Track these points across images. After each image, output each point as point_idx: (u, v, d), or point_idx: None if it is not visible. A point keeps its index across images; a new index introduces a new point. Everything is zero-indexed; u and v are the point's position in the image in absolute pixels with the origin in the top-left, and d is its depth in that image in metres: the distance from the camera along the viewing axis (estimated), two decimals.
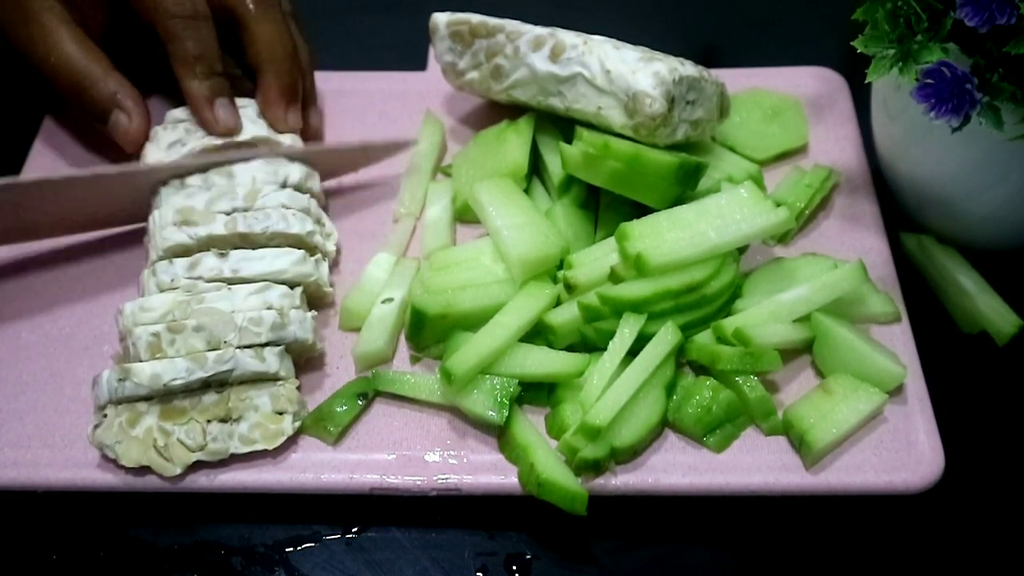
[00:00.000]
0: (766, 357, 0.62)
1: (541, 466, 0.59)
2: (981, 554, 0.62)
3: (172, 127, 0.73)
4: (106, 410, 0.61)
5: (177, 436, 0.61)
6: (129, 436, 0.61)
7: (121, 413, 0.61)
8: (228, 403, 0.62)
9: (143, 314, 0.63)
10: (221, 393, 0.62)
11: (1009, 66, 0.60)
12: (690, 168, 0.66)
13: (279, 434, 0.62)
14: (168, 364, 0.61)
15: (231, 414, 0.62)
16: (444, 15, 0.75)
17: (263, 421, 0.62)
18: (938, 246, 0.73)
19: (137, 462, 0.61)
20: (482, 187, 0.70)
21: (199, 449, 0.61)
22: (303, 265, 0.67)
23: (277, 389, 0.62)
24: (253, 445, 0.61)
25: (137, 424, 0.61)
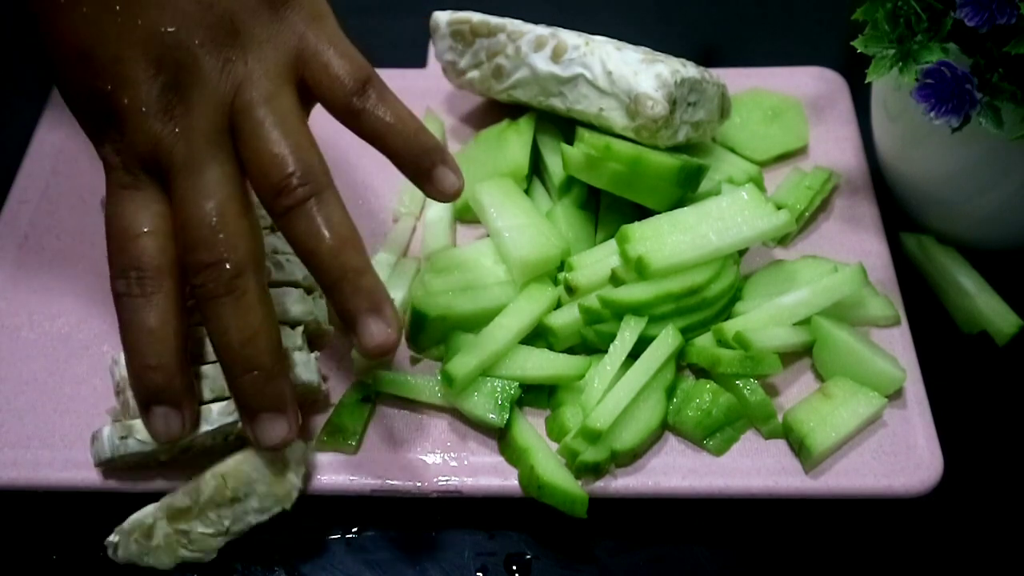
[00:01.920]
0: (766, 360, 0.62)
1: (541, 469, 0.59)
2: (981, 558, 0.62)
3: None
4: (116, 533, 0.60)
5: (196, 530, 0.60)
6: (151, 547, 0.60)
7: (132, 531, 0.59)
8: (227, 488, 0.59)
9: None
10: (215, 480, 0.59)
11: (1009, 66, 0.60)
12: (691, 171, 0.67)
13: (291, 494, 0.60)
14: None
15: (236, 495, 0.60)
16: (445, 14, 0.75)
17: (270, 489, 0.60)
18: (938, 246, 0.73)
19: (174, 564, 0.60)
20: (483, 188, 0.70)
21: (222, 534, 0.60)
22: (303, 303, 0.64)
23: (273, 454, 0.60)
24: (270, 511, 0.60)
25: (152, 535, 0.60)
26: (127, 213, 0.57)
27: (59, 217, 0.75)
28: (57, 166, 0.78)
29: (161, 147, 0.56)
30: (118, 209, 0.57)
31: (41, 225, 0.74)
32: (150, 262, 0.56)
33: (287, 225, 0.56)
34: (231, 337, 0.56)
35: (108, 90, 0.56)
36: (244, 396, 0.57)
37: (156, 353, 0.56)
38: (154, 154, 0.56)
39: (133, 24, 0.56)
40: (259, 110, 0.57)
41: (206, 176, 0.56)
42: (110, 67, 0.56)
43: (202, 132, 0.56)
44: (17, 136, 0.81)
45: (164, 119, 0.56)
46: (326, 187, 0.57)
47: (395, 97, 0.59)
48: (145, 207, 0.57)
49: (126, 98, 0.56)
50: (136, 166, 0.57)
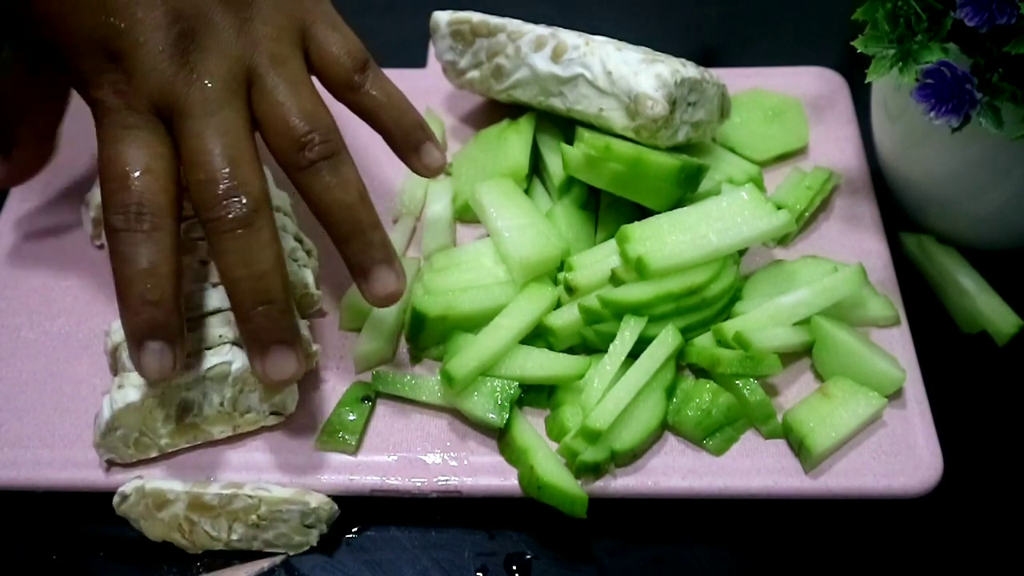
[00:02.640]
0: (766, 361, 0.62)
1: (541, 469, 0.59)
2: (981, 558, 0.62)
3: None
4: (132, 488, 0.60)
5: (203, 526, 0.60)
6: (155, 516, 0.60)
7: (148, 495, 0.60)
8: (258, 511, 0.60)
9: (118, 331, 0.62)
10: (252, 499, 0.60)
11: (1009, 66, 0.60)
12: (691, 171, 0.67)
13: (302, 545, 0.61)
14: None
15: (259, 522, 0.60)
16: (445, 14, 0.75)
17: (289, 532, 0.61)
18: (938, 246, 0.73)
19: (160, 538, 0.61)
20: (483, 188, 0.70)
21: (222, 543, 0.61)
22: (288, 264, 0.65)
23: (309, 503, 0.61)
24: (274, 549, 0.61)
25: (164, 509, 0.60)
26: (129, 151, 0.57)
27: (59, 217, 0.75)
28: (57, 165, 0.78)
29: (175, 88, 0.57)
30: (119, 147, 0.57)
31: (41, 225, 0.75)
32: (153, 199, 0.56)
33: (306, 180, 0.59)
34: (249, 270, 0.57)
35: (121, 27, 0.57)
36: (257, 329, 0.58)
37: (156, 288, 0.56)
38: (167, 95, 0.57)
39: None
40: (276, 70, 0.59)
41: (221, 116, 0.58)
42: (127, 6, 0.57)
43: (219, 77, 0.58)
44: None
45: (180, 61, 0.57)
46: (342, 147, 0.60)
47: (388, 78, 0.64)
48: (148, 146, 0.57)
49: (141, 37, 0.57)
50: (143, 106, 0.57)
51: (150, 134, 0.58)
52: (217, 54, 0.58)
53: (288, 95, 0.59)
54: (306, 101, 0.59)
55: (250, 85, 0.59)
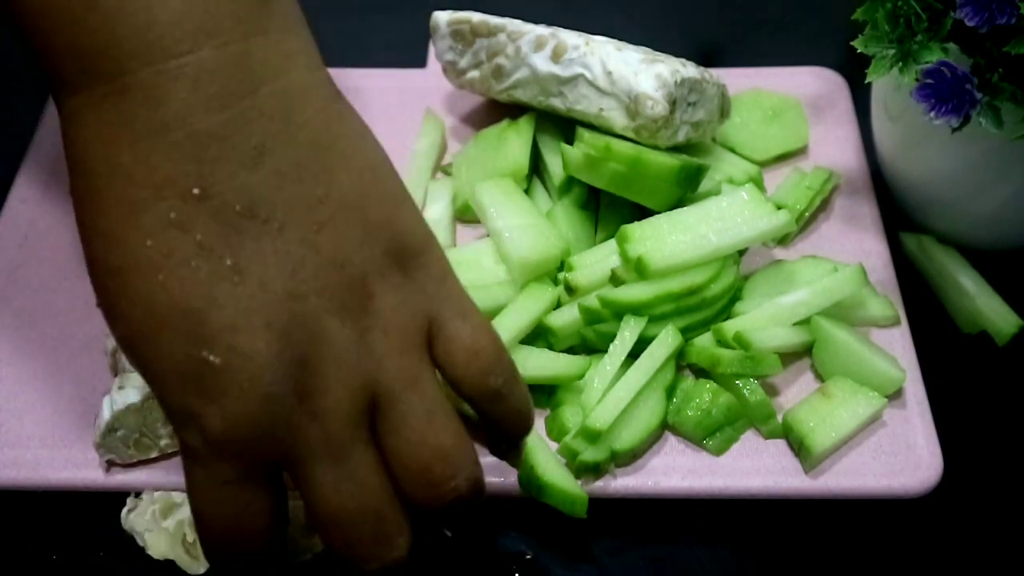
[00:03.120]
0: (766, 361, 0.62)
1: (541, 469, 0.59)
2: (980, 558, 0.62)
3: None
4: (141, 495, 0.60)
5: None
6: (159, 527, 0.60)
7: (156, 501, 0.60)
8: None
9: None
10: None
11: (1009, 66, 0.60)
12: (691, 171, 0.67)
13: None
14: None
15: None
16: (445, 13, 0.75)
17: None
18: (938, 246, 0.73)
19: (164, 555, 0.60)
20: (483, 188, 0.70)
21: None
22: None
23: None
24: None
25: (170, 515, 0.60)
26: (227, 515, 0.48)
27: (59, 217, 0.75)
28: (57, 166, 0.78)
29: (291, 432, 0.47)
30: (214, 509, 0.48)
31: (41, 225, 0.75)
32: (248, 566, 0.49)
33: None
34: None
35: (216, 364, 0.45)
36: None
37: None
38: (281, 448, 0.47)
39: (254, 288, 0.46)
40: (407, 395, 0.49)
41: (353, 463, 0.48)
42: (222, 336, 0.45)
43: (344, 414, 0.47)
44: (17, 136, 0.81)
45: (293, 399, 0.46)
46: (482, 483, 0.52)
47: (521, 382, 0.54)
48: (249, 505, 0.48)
49: (243, 374, 0.45)
50: (248, 459, 0.47)
51: (254, 491, 0.48)
52: (339, 384, 0.47)
53: (424, 430, 0.49)
54: (445, 437, 0.50)
55: (375, 411, 0.49)
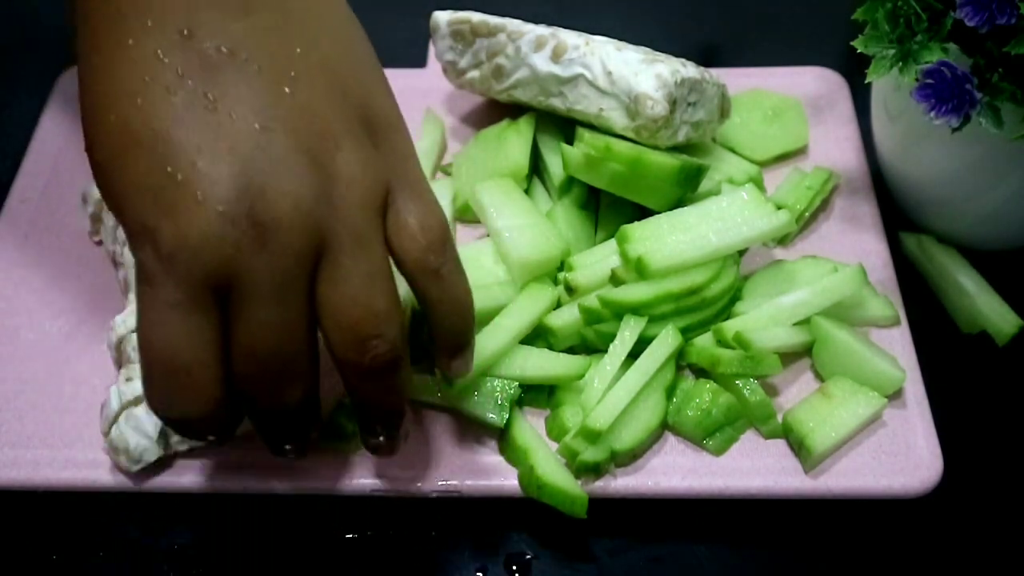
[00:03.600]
0: (766, 361, 0.62)
1: (541, 469, 0.59)
2: (981, 559, 0.62)
3: None
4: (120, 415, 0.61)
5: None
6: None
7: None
8: None
9: (132, 318, 0.63)
10: None
11: (1009, 66, 0.60)
12: (691, 171, 0.67)
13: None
14: None
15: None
16: (445, 13, 0.75)
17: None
18: (938, 246, 0.73)
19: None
20: (483, 188, 0.70)
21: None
22: None
23: None
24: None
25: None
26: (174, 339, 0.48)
27: (59, 217, 0.75)
28: (57, 166, 0.78)
29: (237, 261, 0.47)
30: (161, 332, 0.48)
31: (41, 225, 0.75)
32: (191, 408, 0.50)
33: (355, 381, 0.53)
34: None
35: (179, 180, 0.47)
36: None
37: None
38: (224, 271, 0.47)
39: (224, 117, 0.48)
40: (354, 251, 0.50)
41: (285, 305, 0.49)
42: (186, 155, 0.47)
43: (289, 255, 0.48)
44: (17, 136, 0.81)
45: (242, 233, 0.47)
46: (403, 355, 0.53)
47: (461, 269, 0.55)
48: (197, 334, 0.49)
49: (200, 194, 0.47)
50: (194, 280, 0.47)
51: (201, 319, 0.48)
52: (292, 221, 0.48)
53: (363, 289, 0.50)
54: (380, 300, 0.51)
55: (320, 258, 0.50)
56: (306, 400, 0.52)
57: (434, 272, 0.53)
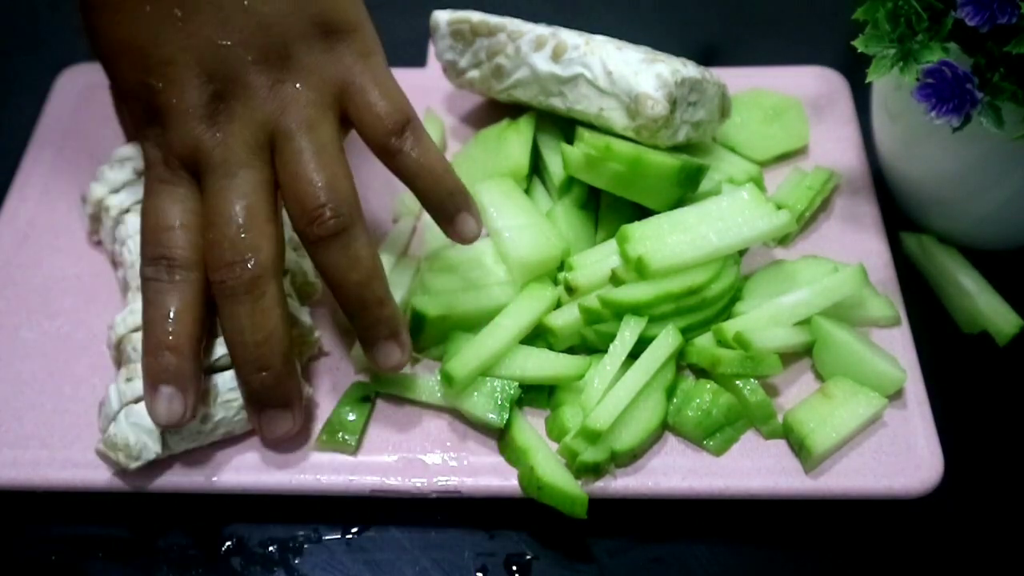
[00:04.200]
0: (766, 361, 0.62)
1: (541, 469, 0.59)
2: (981, 559, 0.62)
3: (120, 165, 0.69)
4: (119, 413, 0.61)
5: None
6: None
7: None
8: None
9: (136, 317, 0.63)
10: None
11: (1010, 65, 0.60)
12: (692, 171, 0.66)
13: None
14: None
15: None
16: (445, 13, 0.75)
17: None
18: (938, 246, 0.72)
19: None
20: (483, 188, 0.70)
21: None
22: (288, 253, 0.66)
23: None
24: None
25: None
26: (163, 206, 0.60)
27: (59, 217, 0.75)
28: (57, 166, 0.78)
29: (201, 148, 0.59)
30: (155, 202, 0.60)
31: (41, 225, 0.74)
32: (180, 253, 0.59)
33: (316, 253, 0.59)
34: (246, 337, 0.59)
35: (158, 87, 0.59)
36: (253, 392, 0.60)
37: (173, 333, 0.59)
38: (194, 154, 0.59)
39: (192, 32, 0.59)
40: (301, 136, 0.60)
41: (239, 179, 0.59)
42: (162, 67, 0.59)
43: (242, 140, 0.59)
44: (17, 136, 0.81)
45: (208, 123, 0.59)
46: (356, 221, 0.59)
47: (430, 140, 0.62)
48: (179, 202, 0.60)
49: (174, 98, 0.59)
50: (175, 163, 0.60)
51: (185, 190, 0.60)
52: (244, 116, 0.59)
53: (309, 162, 0.59)
54: (327, 170, 0.59)
55: (276, 147, 0.60)
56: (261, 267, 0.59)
57: (401, 150, 0.61)
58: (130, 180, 0.69)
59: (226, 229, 0.59)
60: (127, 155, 0.70)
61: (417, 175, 0.61)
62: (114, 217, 0.69)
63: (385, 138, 0.61)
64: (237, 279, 0.58)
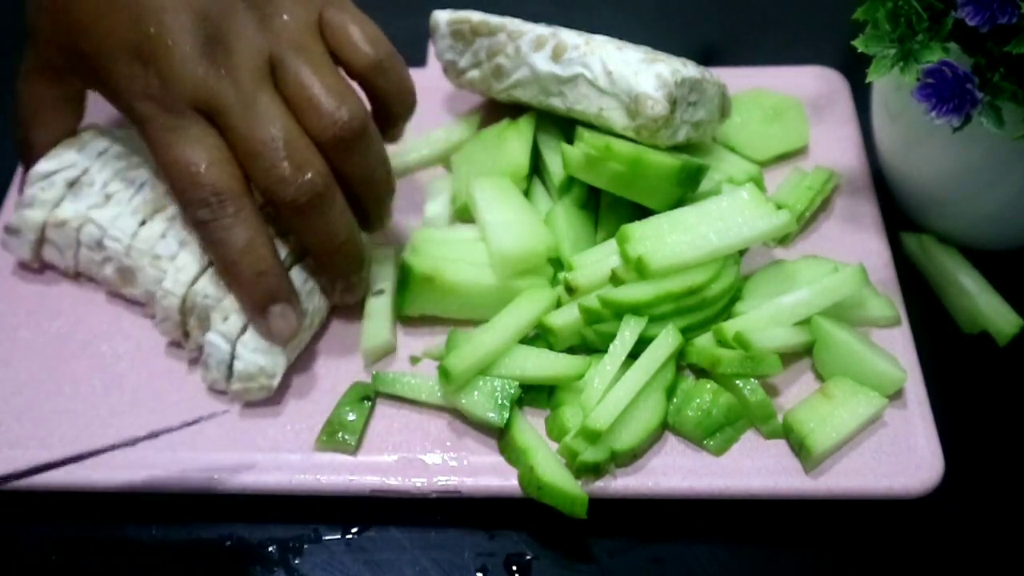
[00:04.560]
0: (766, 361, 0.62)
1: (541, 469, 0.59)
2: (981, 559, 0.62)
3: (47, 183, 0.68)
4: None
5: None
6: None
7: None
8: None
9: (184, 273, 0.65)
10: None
11: (1010, 65, 0.60)
12: (692, 171, 0.66)
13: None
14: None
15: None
16: (445, 13, 0.75)
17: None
18: (938, 246, 0.72)
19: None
20: (478, 183, 0.70)
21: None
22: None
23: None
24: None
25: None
26: (183, 151, 0.61)
27: None
28: None
29: (209, 88, 0.61)
30: (173, 151, 0.61)
31: None
32: (226, 186, 0.61)
33: (341, 157, 0.63)
34: (332, 243, 0.64)
35: (151, 32, 0.61)
36: (353, 288, 0.67)
37: (260, 258, 0.62)
38: (203, 95, 0.61)
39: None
40: (298, 56, 0.63)
41: (261, 105, 0.62)
42: (156, 14, 0.61)
43: (247, 71, 0.62)
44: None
45: (209, 63, 0.61)
46: (368, 122, 0.64)
47: (406, 69, 0.68)
48: (198, 141, 0.61)
49: (170, 41, 0.61)
50: (181, 107, 0.61)
51: (198, 129, 0.61)
52: (242, 51, 0.62)
53: (312, 76, 0.63)
54: (330, 79, 0.63)
55: (276, 74, 0.63)
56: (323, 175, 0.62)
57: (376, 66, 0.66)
58: (65, 192, 0.68)
59: (274, 153, 0.61)
60: (49, 170, 0.69)
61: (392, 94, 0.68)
62: (76, 227, 0.68)
63: (369, 59, 0.66)
64: (306, 194, 0.61)
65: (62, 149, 0.69)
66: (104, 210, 0.68)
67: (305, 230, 0.63)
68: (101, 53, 0.62)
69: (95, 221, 0.68)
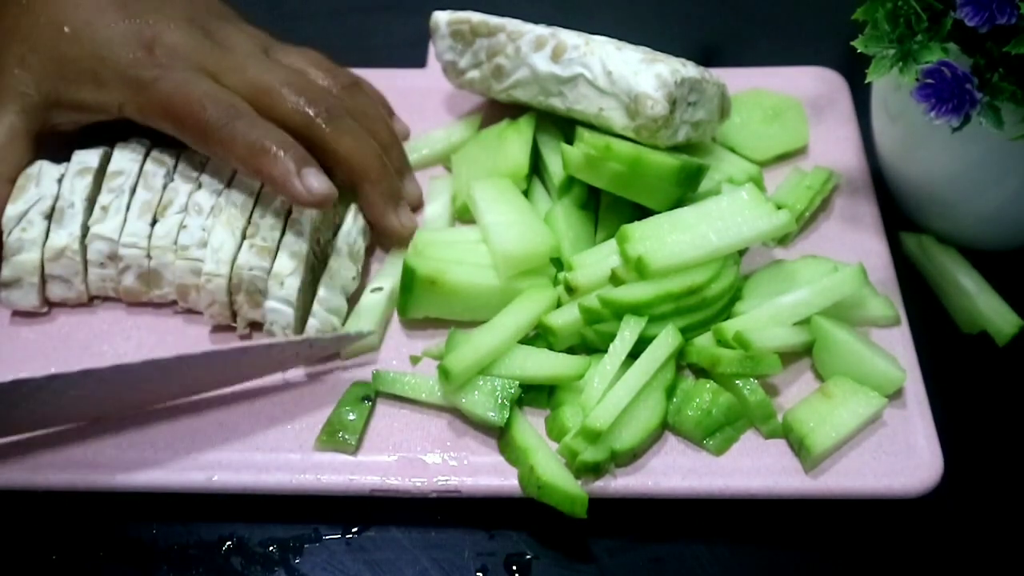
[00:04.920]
0: (766, 360, 0.62)
1: (541, 469, 0.59)
2: (981, 559, 0.62)
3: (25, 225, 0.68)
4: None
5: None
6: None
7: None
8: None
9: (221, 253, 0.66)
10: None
11: (1009, 66, 0.60)
12: (691, 171, 0.67)
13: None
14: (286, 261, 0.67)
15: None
16: (445, 13, 0.75)
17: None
18: (938, 246, 0.73)
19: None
20: (478, 185, 0.70)
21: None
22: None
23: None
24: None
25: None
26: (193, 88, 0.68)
27: None
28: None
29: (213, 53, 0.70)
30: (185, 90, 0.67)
31: None
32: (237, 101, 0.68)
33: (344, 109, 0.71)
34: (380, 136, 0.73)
35: (149, 22, 0.70)
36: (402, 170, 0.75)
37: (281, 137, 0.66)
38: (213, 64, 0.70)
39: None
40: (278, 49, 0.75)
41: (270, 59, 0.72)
42: (146, 13, 0.71)
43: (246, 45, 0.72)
44: None
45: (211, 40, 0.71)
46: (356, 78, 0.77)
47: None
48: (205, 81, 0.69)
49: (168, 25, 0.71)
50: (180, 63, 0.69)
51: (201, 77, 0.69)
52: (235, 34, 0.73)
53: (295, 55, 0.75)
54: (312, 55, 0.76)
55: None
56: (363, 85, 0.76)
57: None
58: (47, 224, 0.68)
59: (297, 81, 0.70)
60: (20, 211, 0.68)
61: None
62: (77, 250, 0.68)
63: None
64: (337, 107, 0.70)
65: (19, 191, 0.68)
66: (106, 223, 0.67)
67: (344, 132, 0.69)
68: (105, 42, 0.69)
69: (102, 235, 0.67)
